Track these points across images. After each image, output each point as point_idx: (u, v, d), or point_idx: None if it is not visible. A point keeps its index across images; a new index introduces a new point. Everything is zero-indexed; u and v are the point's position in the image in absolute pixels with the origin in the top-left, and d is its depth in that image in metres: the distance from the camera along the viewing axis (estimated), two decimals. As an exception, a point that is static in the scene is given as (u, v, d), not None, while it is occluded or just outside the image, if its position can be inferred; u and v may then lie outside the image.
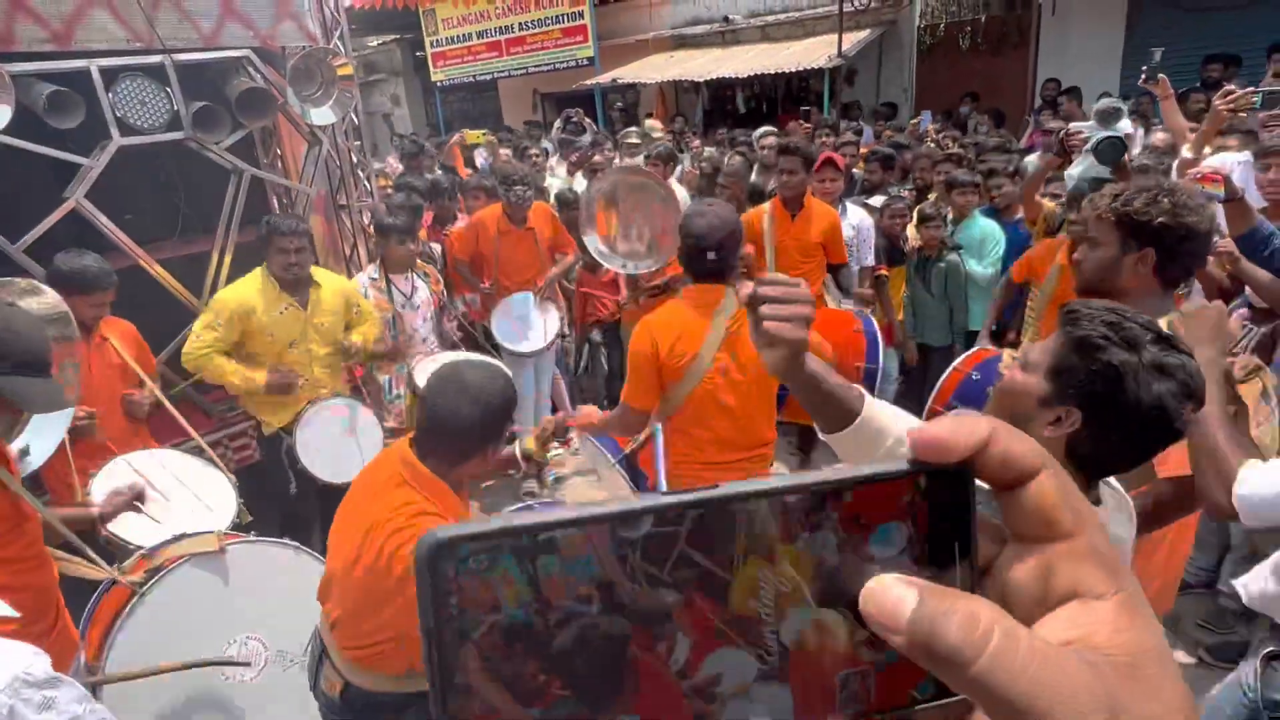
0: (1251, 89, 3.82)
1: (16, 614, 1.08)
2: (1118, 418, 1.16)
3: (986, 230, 4.41)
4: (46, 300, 2.64)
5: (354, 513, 1.85)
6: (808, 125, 6.08)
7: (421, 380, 3.81)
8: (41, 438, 2.40)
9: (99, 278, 2.95)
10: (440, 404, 1.77)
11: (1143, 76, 3.74)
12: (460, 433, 1.77)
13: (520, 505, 2.52)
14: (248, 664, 2.28)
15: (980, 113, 9.39)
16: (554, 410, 4.88)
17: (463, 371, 1.82)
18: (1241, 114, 3.75)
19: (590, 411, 2.77)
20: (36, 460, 2.34)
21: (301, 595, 2.35)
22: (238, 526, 2.86)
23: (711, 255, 2.44)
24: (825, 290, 4.35)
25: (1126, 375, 1.14)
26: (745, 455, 2.64)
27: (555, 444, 2.38)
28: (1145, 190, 1.79)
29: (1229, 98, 3.55)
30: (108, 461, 2.84)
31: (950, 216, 4.57)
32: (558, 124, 10.64)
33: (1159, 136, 5.28)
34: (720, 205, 2.48)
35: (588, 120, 9.69)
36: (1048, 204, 4.18)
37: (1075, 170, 3.94)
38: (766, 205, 4.15)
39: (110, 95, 3.17)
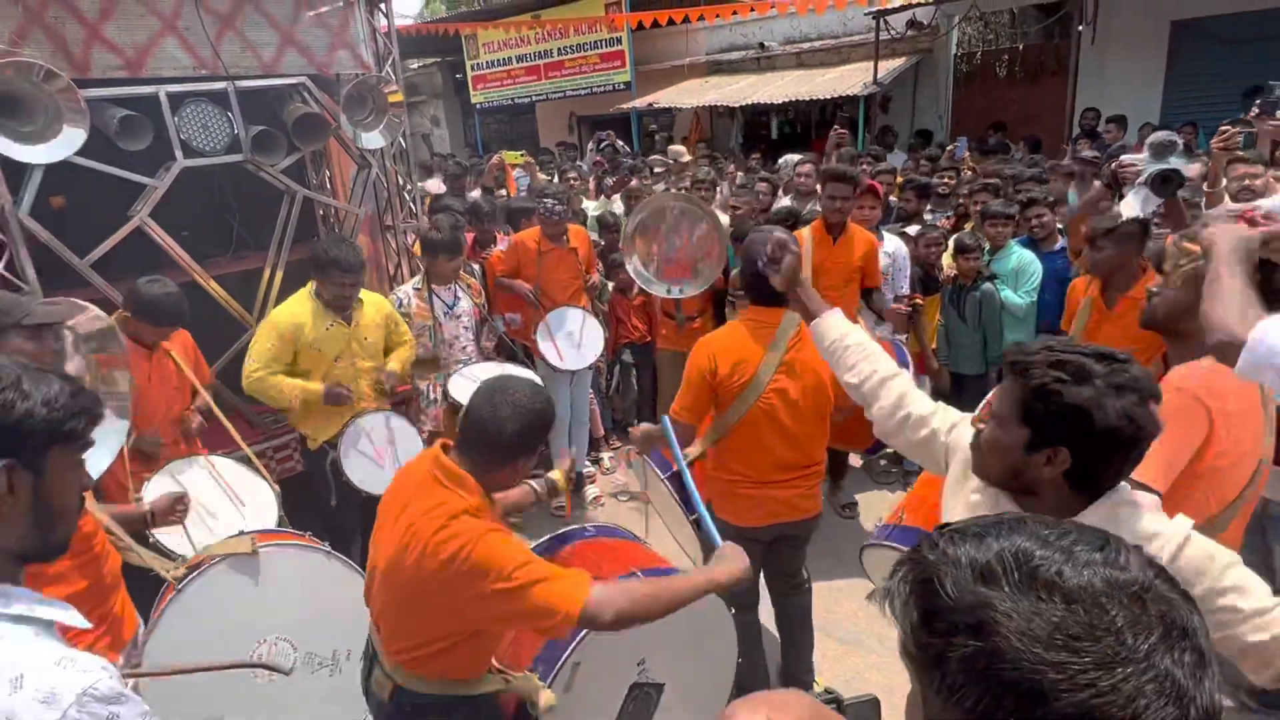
0: (1236, 128, 3.82)
1: (89, 625, 1.14)
2: (1099, 443, 1.25)
3: (1023, 260, 4.40)
4: (89, 316, 2.74)
5: (392, 514, 1.91)
6: (843, 131, 6.10)
7: (457, 389, 3.92)
8: (99, 449, 2.50)
9: (173, 316, 3.07)
10: (482, 411, 1.84)
11: (1255, 110, 3.73)
12: (495, 441, 1.83)
13: (569, 528, 2.57)
14: (287, 672, 2.29)
15: (1015, 141, 9.36)
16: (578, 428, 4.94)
17: (508, 384, 1.89)
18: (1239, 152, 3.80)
19: (646, 428, 2.83)
20: (94, 472, 2.44)
21: (331, 600, 2.43)
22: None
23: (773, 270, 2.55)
24: (859, 315, 4.37)
25: (1091, 408, 1.24)
26: (798, 474, 2.69)
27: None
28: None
29: (1224, 137, 3.58)
30: (161, 466, 2.96)
31: (987, 247, 4.57)
32: (590, 146, 10.83)
33: (1193, 169, 5.23)
34: (780, 230, 2.55)
35: (620, 142, 9.85)
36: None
37: (1134, 200, 3.90)
38: (806, 229, 4.20)
39: (176, 119, 3.33)
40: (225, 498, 3.00)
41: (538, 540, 2.51)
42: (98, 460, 2.41)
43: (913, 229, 4.97)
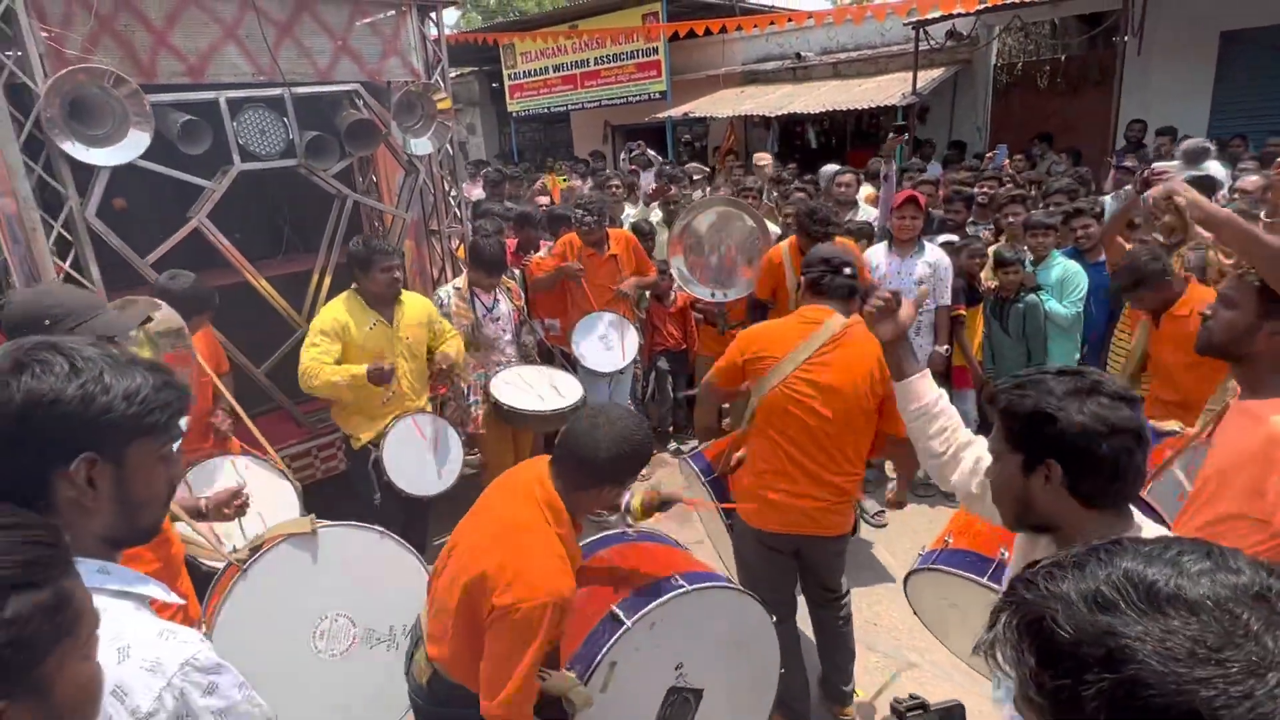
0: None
1: (182, 600, 1.17)
2: (1078, 448, 1.27)
3: (1068, 270, 4.34)
4: (165, 314, 2.84)
5: (484, 514, 1.99)
6: (900, 137, 6.09)
7: (499, 390, 3.97)
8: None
9: (199, 305, 3.15)
10: (582, 431, 1.91)
11: None
12: (588, 463, 1.89)
13: (614, 532, 2.58)
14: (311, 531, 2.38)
15: (1057, 152, 9.23)
16: None
17: (613, 412, 1.97)
18: None
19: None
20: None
21: (386, 577, 2.50)
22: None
23: (848, 271, 2.69)
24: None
25: (1054, 409, 1.27)
26: (823, 484, 2.66)
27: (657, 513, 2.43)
28: None
29: None
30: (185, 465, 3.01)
31: (1030, 259, 4.51)
32: (623, 155, 10.89)
33: (1251, 180, 5.12)
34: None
35: (651, 152, 9.90)
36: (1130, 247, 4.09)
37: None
38: (784, 244, 4.25)
39: (235, 124, 3.43)
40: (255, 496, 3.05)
41: (582, 541, 2.53)
42: None
43: (944, 238, 4.92)
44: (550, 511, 1.90)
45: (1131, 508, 1.36)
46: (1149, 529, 1.37)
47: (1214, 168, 3.61)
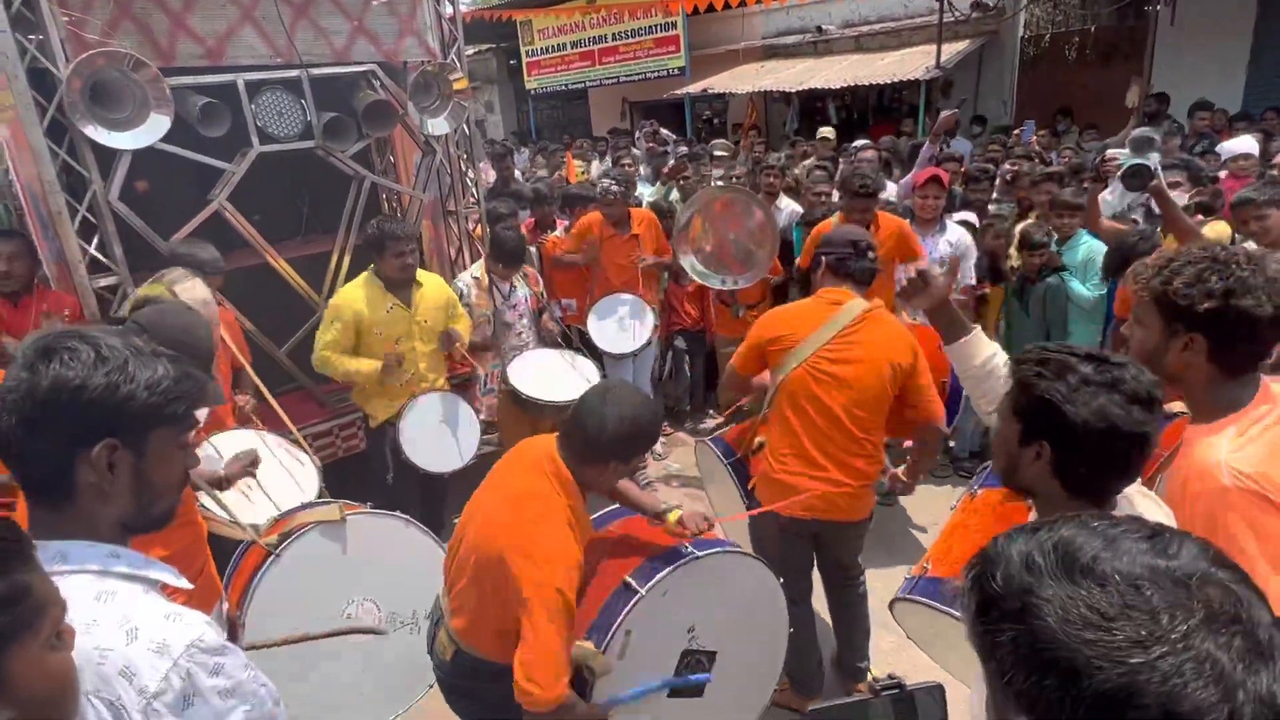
0: None
1: (190, 585, 1.20)
2: (1073, 439, 1.26)
3: (1093, 251, 4.26)
4: (194, 287, 2.88)
5: (495, 487, 2.03)
6: (953, 113, 5.97)
7: (514, 376, 3.99)
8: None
9: (203, 264, 3.11)
10: (589, 407, 1.94)
11: None
12: (594, 438, 1.92)
13: (611, 509, 2.59)
14: (384, 633, 2.46)
15: (1082, 127, 9.02)
16: None
17: (621, 389, 2.00)
18: None
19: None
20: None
21: (410, 564, 2.57)
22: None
23: (872, 255, 2.68)
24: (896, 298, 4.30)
25: (1059, 401, 1.26)
26: (842, 467, 2.66)
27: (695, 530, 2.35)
28: (1192, 263, 1.48)
29: None
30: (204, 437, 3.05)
31: (1055, 238, 4.43)
32: (639, 134, 10.80)
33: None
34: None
35: (664, 130, 9.81)
36: (1121, 225, 4.04)
37: (1111, 197, 3.93)
38: (834, 218, 4.19)
39: (253, 106, 3.45)
40: (276, 471, 3.10)
41: (591, 516, 2.56)
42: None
43: (960, 214, 4.83)
44: (559, 483, 1.94)
45: (1135, 493, 1.35)
46: (1150, 512, 1.35)
47: (1156, 157, 3.73)
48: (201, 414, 2.43)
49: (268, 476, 2.97)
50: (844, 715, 1.16)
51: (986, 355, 1.91)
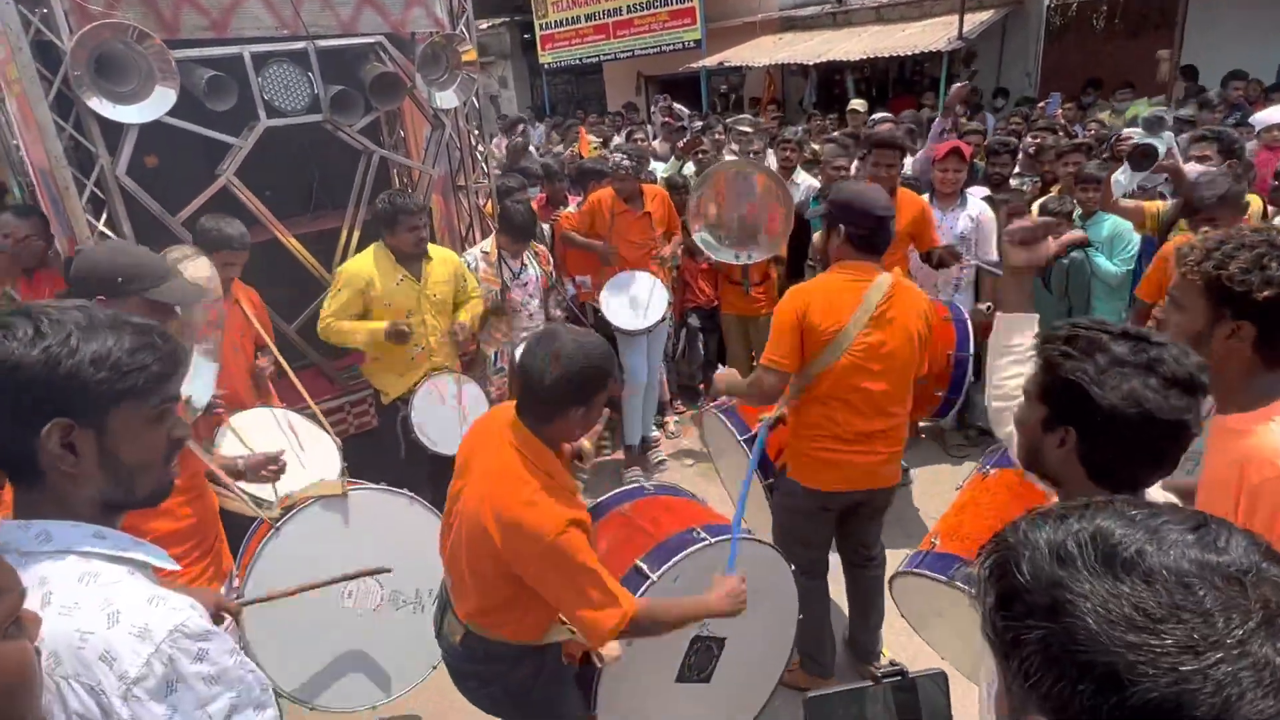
0: None
1: (178, 566, 1.17)
2: (1102, 425, 1.17)
3: (1118, 226, 4.14)
4: (202, 264, 2.86)
5: (465, 470, 1.97)
6: (963, 84, 5.83)
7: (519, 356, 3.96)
8: (196, 387, 2.61)
9: (230, 239, 3.11)
10: (529, 364, 1.83)
11: None
12: (544, 393, 1.80)
13: (632, 487, 2.57)
14: (389, 570, 2.38)
15: (1115, 88, 8.75)
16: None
17: (556, 335, 1.86)
18: None
19: (731, 372, 2.81)
20: (200, 403, 2.54)
21: (414, 541, 2.52)
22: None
23: (892, 222, 2.57)
24: (913, 276, 4.20)
25: (1086, 383, 1.17)
26: (879, 438, 2.63)
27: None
28: (1248, 246, 1.41)
29: None
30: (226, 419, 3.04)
31: (1079, 213, 4.31)
32: (654, 109, 10.63)
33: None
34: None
35: (677, 105, 9.65)
36: (1151, 205, 3.91)
37: (1123, 177, 3.84)
38: None
39: (260, 79, 3.40)
40: (290, 448, 3.09)
41: (601, 497, 2.53)
42: (200, 395, 2.51)
43: (974, 190, 4.71)
44: (528, 451, 1.84)
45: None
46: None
47: (1169, 138, 3.67)
48: (201, 391, 2.41)
49: (288, 455, 2.96)
50: (843, 701, 1.14)
51: (1030, 343, 1.74)
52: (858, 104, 8.30)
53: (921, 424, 4.83)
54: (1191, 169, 3.75)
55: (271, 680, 2.12)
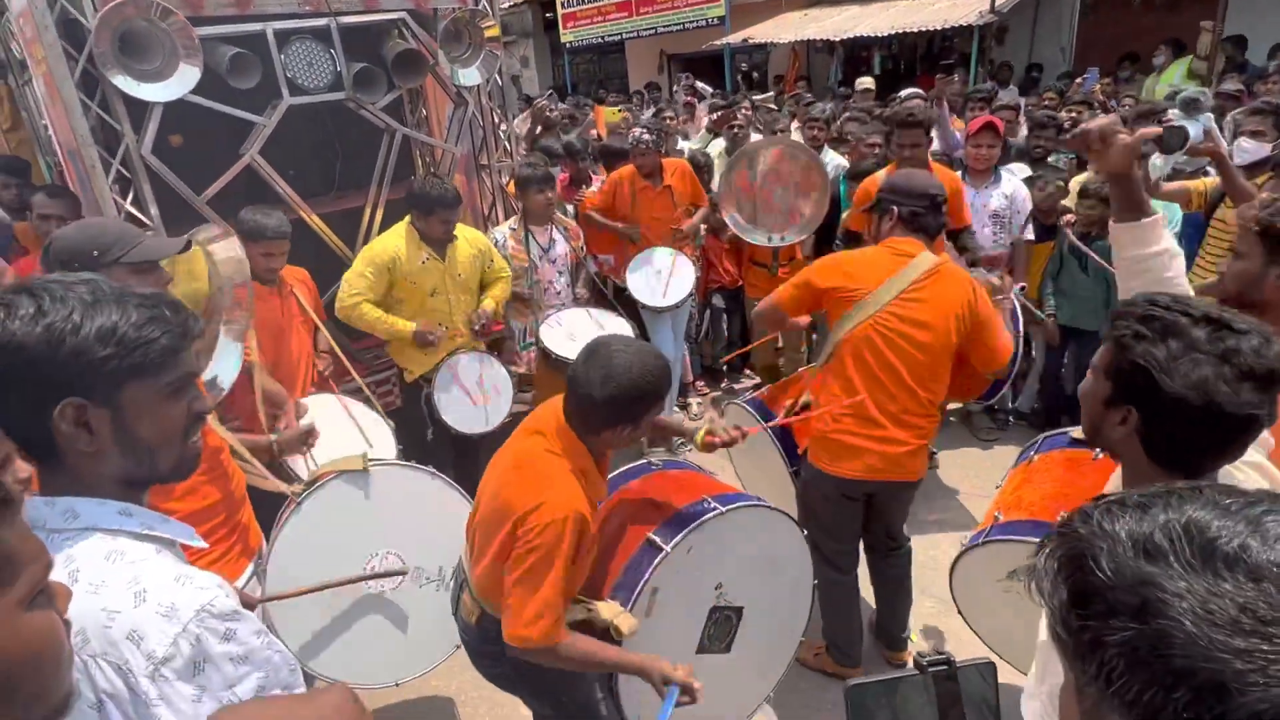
0: None
1: (206, 544, 1.15)
2: (1166, 411, 1.14)
3: (1157, 207, 4.00)
4: (231, 244, 2.85)
5: (506, 456, 1.97)
6: (948, 76, 5.70)
7: (547, 336, 3.94)
8: (221, 368, 2.61)
9: (264, 228, 3.10)
10: (580, 375, 1.83)
11: None
12: (590, 407, 1.82)
13: (639, 464, 2.54)
14: (404, 572, 2.41)
15: (1144, 75, 8.51)
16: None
17: (612, 348, 1.83)
18: None
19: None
20: (225, 384, 2.54)
21: (437, 519, 2.52)
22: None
23: (945, 209, 2.57)
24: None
25: (1155, 369, 1.13)
26: (903, 425, 2.57)
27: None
28: None
29: None
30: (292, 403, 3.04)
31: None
32: (676, 87, 10.49)
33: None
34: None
35: (700, 84, 9.52)
36: (1197, 184, 3.78)
37: (1157, 160, 3.72)
38: (880, 172, 3.98)
39: (283, 56, 3.38)
40: (353, 433, 3.10)
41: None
42: (225, 376, 2.50)
43: (1007, 167, 4.58)
44: (563, 442, 1.87)
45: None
46: (1252, 478, 1.24)
47: (1206, 120, 3.57)
48: (226, 372, 2.40)
49: (343, 439, 2.97)
50: (883, 690, 1.11)
51: (1160, 248, 1.62)
52: (866, 82, 8.13)
53: (950, 406, 4.75)
54: (1243, 144, 3.62)
55: (295, 655, 2.13)
